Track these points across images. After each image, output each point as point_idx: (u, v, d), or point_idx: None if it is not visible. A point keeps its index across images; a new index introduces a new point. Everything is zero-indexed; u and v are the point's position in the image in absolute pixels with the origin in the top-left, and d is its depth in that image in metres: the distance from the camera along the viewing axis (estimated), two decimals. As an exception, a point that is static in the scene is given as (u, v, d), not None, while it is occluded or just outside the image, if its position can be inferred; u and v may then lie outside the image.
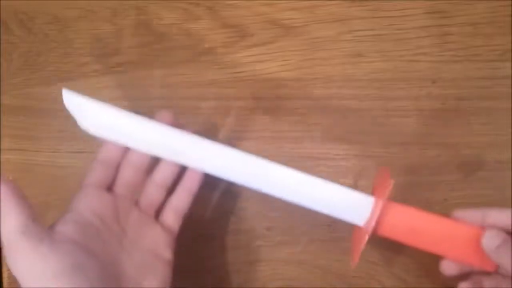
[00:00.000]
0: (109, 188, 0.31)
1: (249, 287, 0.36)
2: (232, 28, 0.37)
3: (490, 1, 0.36)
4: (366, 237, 0.29)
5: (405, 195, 0.35)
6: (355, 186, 0.36)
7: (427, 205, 0.35)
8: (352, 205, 0.31)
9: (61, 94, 0.38)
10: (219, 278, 0.36)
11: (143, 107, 0.37)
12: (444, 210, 0.33)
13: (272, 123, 0.37)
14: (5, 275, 0.37)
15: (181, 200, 0.32)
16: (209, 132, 0.37)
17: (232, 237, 0.36)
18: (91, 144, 0.38)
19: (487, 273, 0.30)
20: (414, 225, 0.30)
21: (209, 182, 0.37)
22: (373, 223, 0.29)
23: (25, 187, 0.26)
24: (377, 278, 0.35)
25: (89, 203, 0.29)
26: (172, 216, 0.32)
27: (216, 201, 0.37)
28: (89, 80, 0.38)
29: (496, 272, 0.30)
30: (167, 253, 0.31)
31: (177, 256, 0.31)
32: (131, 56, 0.38)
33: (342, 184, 0.31)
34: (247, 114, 0.37)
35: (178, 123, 0.32)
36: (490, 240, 0.28)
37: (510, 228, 0.28)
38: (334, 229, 0.36)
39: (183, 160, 0.31)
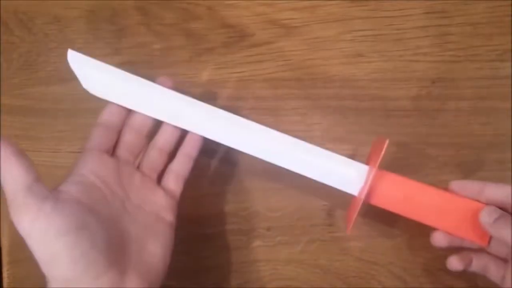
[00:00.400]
0: (112, 152, 0.31)
1: (249, 287, 0.36)
2: (232, 28, 0.37)
3: (489, 1, 0.36)
4: (359, 205, 0.29)
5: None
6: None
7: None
8: (345, 173, 0.31)
9: (61, 94, 0.38)
10: (219, 278, 0.36)
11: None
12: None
13: (272, 123, 0.37)
14: (5, 275, 0.37)
15: (181, 164, 0.32)
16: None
17: (232, 237, 0.36)
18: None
19: (476, 250, 0.30)
20: (409, 195, 0.30)
21: (210, 182, 0.37)
22: (366, 191, 0.29)
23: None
24: (377, 278, 0.35)
25: (92, 167, 0.29)
26: (174, 180, 0.32)
27: (216, 201, 0.37)
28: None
29: (485, 250, 0.30)
30: (169, 216, 0.31)
31: (177, 256, 0.31)
32: (131, 56, 0.38)
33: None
34: (247, 114, 0.37)
35: (177, 89, 0.32)
36: (488, 215, 0.28)
37: (506, 203, 0.29)
38: (334, 229, 0.36)
39: (183, 122, 0.32)
